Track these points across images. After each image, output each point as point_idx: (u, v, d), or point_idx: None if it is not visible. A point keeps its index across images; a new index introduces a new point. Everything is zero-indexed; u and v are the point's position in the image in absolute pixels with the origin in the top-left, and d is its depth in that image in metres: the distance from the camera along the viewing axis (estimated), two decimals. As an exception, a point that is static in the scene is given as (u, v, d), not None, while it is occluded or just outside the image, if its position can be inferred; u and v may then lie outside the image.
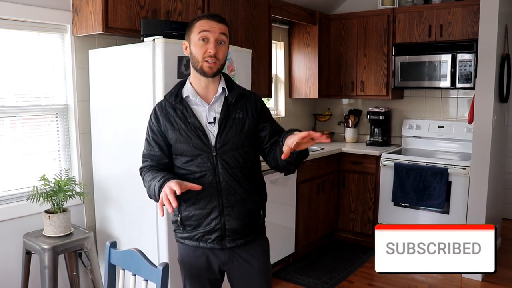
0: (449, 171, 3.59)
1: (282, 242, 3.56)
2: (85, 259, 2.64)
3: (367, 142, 4.46)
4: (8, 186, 2.56)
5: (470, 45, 3.67)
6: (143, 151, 1.77)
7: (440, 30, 3.81)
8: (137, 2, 2.62)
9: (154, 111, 1.74)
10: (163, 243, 2.44)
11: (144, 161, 1.77)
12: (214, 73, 1.67)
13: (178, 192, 1.45)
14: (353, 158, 4.17)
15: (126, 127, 2.56)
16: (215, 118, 1.69)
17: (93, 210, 2.86)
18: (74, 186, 2.53)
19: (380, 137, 4.40)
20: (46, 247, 2.31)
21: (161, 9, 2.76)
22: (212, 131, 1.68)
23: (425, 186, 3.69)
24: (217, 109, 1.71)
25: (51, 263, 2.30)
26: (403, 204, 3.87)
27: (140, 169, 1.77)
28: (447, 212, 3.64)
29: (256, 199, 1.75)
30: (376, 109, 4.37)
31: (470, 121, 3.50)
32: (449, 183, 3.60)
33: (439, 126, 4.16)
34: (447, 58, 3.80)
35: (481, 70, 3.27)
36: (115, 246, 1.74)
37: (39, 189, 2.41)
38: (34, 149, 2.67)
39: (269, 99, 4.24)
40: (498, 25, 3.21)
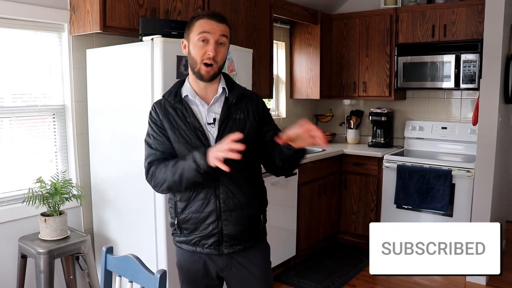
0: (453, 173, 3.53)
1: (283, 245, 3.51)
2: (82, 263, 2.59)
3: (369, 143, 4.40)
4: (4, 188, 2.50)
5: (474, 45, 3.61)
6: (149, 146, 1.65)
7: (443, 30, 3.75)
8: (135, 1, 2.57)
9: (154, 108, 1.68)
10: (161, 246, 2.39)
11: (151, 154, 1.63)
12: (211, 77, 1.62)
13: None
14: (355, 160, 4.12)
15: (124, 128, 2.51)
16: (215, 119, 1.63)
17: (91, 212, 2.80)
18: (71, 188, 2.48)
19: (382, 139, 4.34)
20: (41, 251, 2.25)
21: (160, 8, 2.71)
22: (212, 132, 1.62)
23: (429, 188, 3.63)
24: (217, 109, 1.65)
25: (47, 268, 2.25)
26: (405, 207, 3.81)
27: (149, 163, 1.63)
28: (450, 215, 3.59)
29: (256, 204, 1.69)
30: (378, 110, 4.31)
31: (475, 123, 3.45)
32: (452, 185, 3.55)
33: (442, 128, 4.10)
34: (450, 58, 3.74)
35: (486, 71, 3.21)
36: (112, 252, 1.68)
37: (35, 191, 2.36)
38: (31, 150, 2.62)
39: (270, 100, 4.18)
40: (503, 25, 3.16)
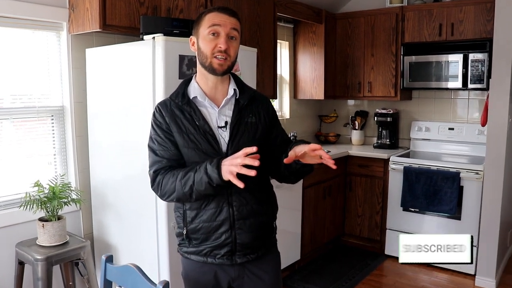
0: (461, 175, 3.45)
1: (288, 248, 3.43)
2: (82, 268, 2.52)
3: (374, 144, 4.32)
4: (0, 192, 2.42)
5: (483, 45, 3.53)
6: (154, 153, 1.55)
7: (451, 29, 3.67)
8: (136, -1, 2.49)
9: (158, 109, 1.56)
10: (163, 252, 2.31)
11: (156, 162, 1.53)
12: (225, 71, 1.52)
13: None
14: (360, 161, 4.04)
15: (125, 130, 2.44)
16: (226, 122, 1.54)
17: (91, 216, 2.73)
18: (70, 192, 2.40)
19: (387, 140, 4.26)
20: (39, 257, 2.18)
21: (162, 6, 2.63)
22: (223, 136, 1.53)
23: (436, 191, 3.55)
24: (228, 112, 1.56)
25: (44, 275, 2.17)
26: (412, 209, 3.73)
27: (155, 172, 1.53)
28: (458, 218, 3.51)
29: (268, 210, 1.62)
30: (383, 111, 4.23)
31: (484, 124, 3.36)
32: (460, 188, 3.46)
33: (449, 128, 4.01)
34: (458, 58, 3.65)
35: (496, 71, 3.13)
36: (111, 260, 1.60)
37: (33, 196, 2.28)
38: (29, 153, 2.54)
39: (274, 100, 4.10)
40: (513, 23, 3.07)
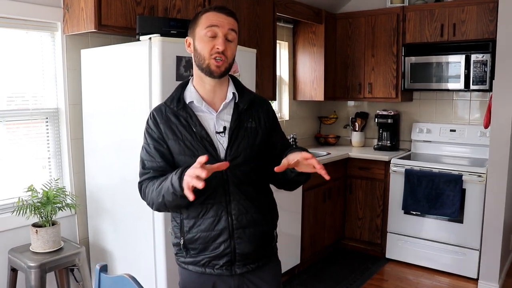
0: (463, 178, 3.39)
1: (288, 253, 3.38)
2: (77, 274, 2.45)
3: (375, 146, 4.27)
4: (-7, 197, 2.37)
5: (485, 45, 3.48)
6: (142, 163, 1.52)
7: (453, 29, 3.62)
8: (133, -2, 2.43)
9: (153, 116, 1.51)
10: (160, 259, 2.25)
11: (143, 174, 1.51)
12: (222, 73, 1.46)
13: (204, 175, 1.21)
14: (361, 164, 3.98)
15: (121, 133, 2.38)
16: (225, 128, 1.48)
17: (86, 221, 2.67)
18: (65, 197, 2.34)
19: (388, 141, 4.21)
20: (32, 264, 2.11)
21: (159, 5, 2.57)
22: (222, 142, 1.47)
23: (438, 194, 3.49)
24: (226, 117, 1.50)
25: (38, 282, 2.11)
26: (414, 212, 3.68)
27: (140, 183, 1.52)
28: (461, 221, 3.45)
29: (269, 219, 1.56)
30: (384, 112, 4.18)
31: (486, 125, 3.31)
32: (463, 191, 3.41)
33: (451, 130, 3.96)
34: (460, 58, 3.60)
35: (499, 72, 3.07)
36: (106, 270, 1.54)
37: (26, 201, 2.22)
38: (22, 156, 2.48)
39: (273, 101, 4.04)
40: (517, 23, 3.02)
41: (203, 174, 1.21)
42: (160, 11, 2.57)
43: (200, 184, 1.20)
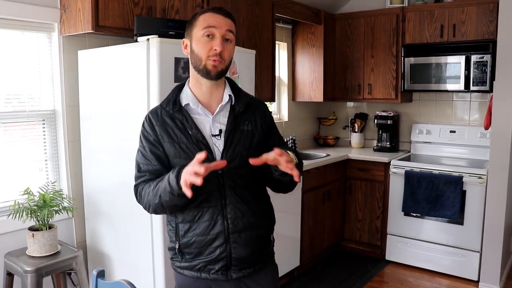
0: (464, 179, 3.37)
1: (287, 255, 3.35)
2: (75, 277, 2.43)
3: (374, 147, 4.25)
4: (-11, 200, 2.34)
5: (485, 46, 3.46)
6: (138, 167, 1.51)
7: (453, 30, 3.60)
8: (130, -1, 2.40)
9: (148, 119, 1.50)
10: (158, 261, 2.23)
11: (138, 177, 1.51)
12: (219, 74, 1.44)
13: (203, 171, 1.20)
14: (360, 165, 3.96)
15: (119, 135, 2.35)
16: (220, 131, 1.46)
17: (84, 224, 2.64)
18: (61, 200, 2.31)
19: (388, 143, 4.19)
20: (28, 269, 2.08)
21: (157, 6, 2.54)
22: (218, 145, 1.45)
23: (438, 196, 3.47)
24: (223, 120, 1.48)
25: (34, 287, 2.08)
26: (414, 214, 3.66)
27: (135, 186, 1.51)
28: (461, 223, 3.43)
29: (266, 222, 1.54)
30: (384, 113, 4.16)
31: (487, 127, 3.29)
32: (463, 192, 3.39)
33: (451, 131, 3.94)
34: (460, 59, 3.58)
35: (500, 72, 3.05)
36: (103, 275, 1.51)
37: (22, 204, 2.19)
38: (19, 159, 2.45)
39: (272, 103, 4.02)
40: (518, 24, 3.00)
41: (202, 170, 1.20)
42: (158, 11, 2.55)
43: (199, 181, 1.19)
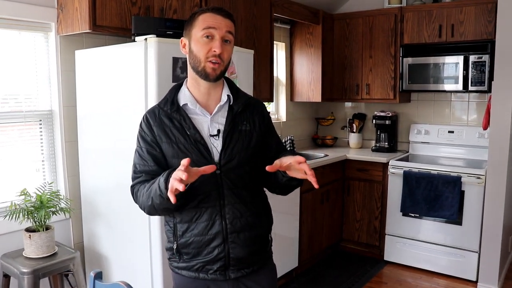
0: (462, 179, 3.37)
1: (285, 256, 3.34)
2: (72, 279, 2.41)
3: (373, 148, 4.24)
4: (-15, 201, 2.32)
5: (484, 46, 3.46)
6: (134, 167, 1.51)
7: (451, 30, 3.60)
8: (128, -2, 2.39)
9: (146, 119, 1.49)
10: (156, 262, 2.21)
11: (136, 177, 1.50)
12: (217, 76, 1.44)
13: (184, 178, 1.19)
14: (359, 165, 3.95)
15: (117, 135, 2.33)
16: (219, 131, 1.45)
17: (81, 225, 2.62)
18: (59, 201, 2.29)
19: (386, 143, 4.18)
20: (25, 270, 2.06)
21: (155, 6, 2.53)
22: (216, 145, 1.44)
23: (437, 196, 3.47)
24: (221, 120, 1.47)
25: (31, 289, 2.06)
26: (412, 214, 3.65)
27: (132, 187, 1.51)
28: (459, 223, 3.43)
29: (264, 222, 1.53)
30: (382, 114, 4.15)
31: (485, 127, 3.29)
32: (462, 193, 3.39)
33: (449, 131, 3.94)
34: (458, 59, 3.58)
35: (498, 73, 3.05)
36: (100, 277, 1.50)
37: (19, 205, 2.17)
38: (15, 159, 2.43)
39: (270, 103, 4.01)
40: (516, 24, 3.00)
41: (184, 176, 1.19)
42: (156, 11, 2.53)
43: (181, 187, 1.18)
